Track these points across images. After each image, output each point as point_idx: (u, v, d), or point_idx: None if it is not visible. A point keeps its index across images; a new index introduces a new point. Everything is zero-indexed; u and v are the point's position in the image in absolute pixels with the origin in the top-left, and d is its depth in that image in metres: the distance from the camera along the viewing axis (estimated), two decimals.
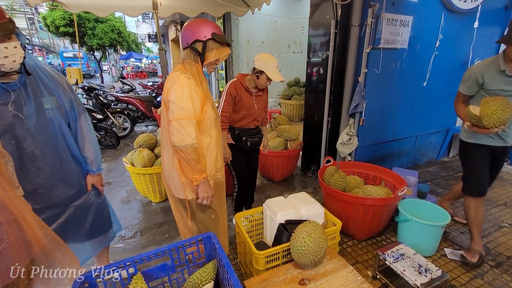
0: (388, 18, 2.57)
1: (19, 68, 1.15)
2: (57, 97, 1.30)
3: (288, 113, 6.20)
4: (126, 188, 3.18)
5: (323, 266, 1.41)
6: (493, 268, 1.88)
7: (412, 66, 2.95)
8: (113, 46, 14.56)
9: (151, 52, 30.62)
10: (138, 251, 2.13)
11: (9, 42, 1.08)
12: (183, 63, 1.35)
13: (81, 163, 1.44)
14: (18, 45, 1.11)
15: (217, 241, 1.30)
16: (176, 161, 1.36)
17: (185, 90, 1.27)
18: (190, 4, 4.04)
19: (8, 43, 1.08)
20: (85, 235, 1.49)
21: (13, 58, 1.09)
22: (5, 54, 1.07)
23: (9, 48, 1.08)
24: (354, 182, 2.28)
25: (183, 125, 1.26)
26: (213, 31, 1.33)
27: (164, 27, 13.51)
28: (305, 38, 3.95)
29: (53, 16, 11.58)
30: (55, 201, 1.33)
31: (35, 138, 1.22)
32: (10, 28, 1.08)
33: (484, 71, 1.73)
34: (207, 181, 1.37)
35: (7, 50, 1.07)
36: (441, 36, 3.00)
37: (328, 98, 2.89)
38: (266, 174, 3.30)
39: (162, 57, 4.19)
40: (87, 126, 1.44)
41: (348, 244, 2.15)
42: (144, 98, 5.93)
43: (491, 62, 1.72)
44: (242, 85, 2.00)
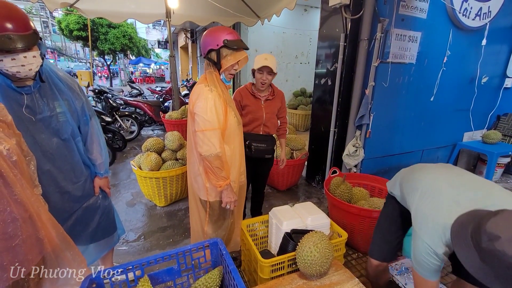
0: (397, 33, 2.61)
1: (34, 75, 1.14)
2: (70, 101, 1.31)
3: (294, 122, 6.23)
4: (132, 191, 3.21)
5: (329, 277, 1.40)
6: None
7: (419, 81, 2.97)
8: (124, 51, 14.87)
9: (160, 58, 31.17)
10: (142, 254, 2.13)
11: (29, 52, 1.08)
12: (205, 74, 1.41)
13: (89, 166, 1.46)
14: (38, 55, 1.11)
15: (224, 247, 1.31)
16: (202, 168, 1.48)
17: (209, 102, 1.35)
18: (202, 14, 4.15)
19: (28, 52, 1.07)
20: (90, 237, 1.50)
21: (29, 67, 1.09)
22: (23, 63, 1.06)
23: (28, 57, 1.07)
24: (360, 194, 2.28)
25: (208, 136, 1.35)
26: (226, 38, 1.35)
27: (174, 34, 13.83)
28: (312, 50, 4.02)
29: (67, 20, 11.91)
30: (65, 203, 1.35)
31: (46, 141, 1.24)
32: (33, 41, 1.07)
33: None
34: (230, 187, 1.47)
35: (26, 60, 1.07)
36: (449, 53, 3.03)
37: (335, 109, 2.91)
38: (270, 182, 3.30)
39: (173, 63, 4.29)
40: (97, 129, 1.47)
41: (352, 256, 2.13)
42: (152, 102, 6.02)
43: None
44: (247, 90, 1.98)
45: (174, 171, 2.70)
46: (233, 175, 1.52)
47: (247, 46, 1.42)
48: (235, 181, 1.55)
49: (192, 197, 1.63)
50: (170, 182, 2.73)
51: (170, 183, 2.73)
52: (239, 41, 1.38)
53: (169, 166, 2.74)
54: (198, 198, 1.55)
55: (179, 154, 2.93)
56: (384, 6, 2.50)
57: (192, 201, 1.64)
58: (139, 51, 16.82)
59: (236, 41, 1.37)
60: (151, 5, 3.88)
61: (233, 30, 1.44)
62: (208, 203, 1.52)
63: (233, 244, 1.84)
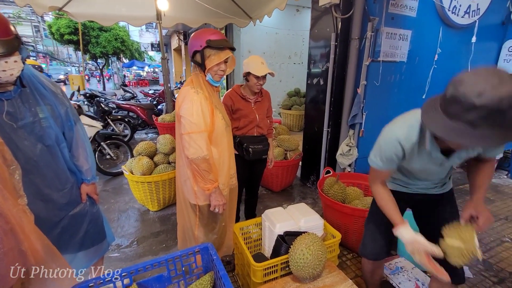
0: (387, 32, 2.62)
1: (14, 81, 1.11)
2: (53, 106, 1.28)
3: (288, 123, 6.22)
4: (124, 196, 3.16)
5: (322, 280, 1.39)
6: (495, 285, 1.84)
7: (411, 79, 2.98)
8: (116, 54, 14.76)
9: (153, 61, 31.03)
10: (134, 260, 2.10)
11: (11, 57, 1.05)
12: (191, 76, 1.40)
13: (75, 173, 1.42)
14: (19, 59, 1.08)
15: (215, 252, 1.28)
16: (189, 171, 1.46)
17: (195, 105, 1.34)
18: (193, 15, 4.13)
19: (9, 57, 1.04)
20: (79, 245, 1.46)
21: (11, 72, 1.06)
22: (4, 68, 1.03)
23: (9, 63, 1.04)
24: (354, 193, 2.27)
25: (194, 139, 1.34)
26: (209, 38, 1.34)
27: (167, 37, 13.76)
28: (306, 50, 4.02)
29: (58, 25, 11.80)
30: (50, 212, 1.31)
31: (30, 148, 1.20)
32: (14, 46, 1.04)
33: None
34: (219, 190, 1.45)
35: (7, 65, 1.04)
36: (440, 50, 3.04)
37: (328, 109, 2.90)
38: (265, 184, 3.28)
39: (164, 66, 4.25)
40: (83, 135, 1.43)
41: (347, 257, 2.12)
42: (145, 105, 5.96)
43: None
44: (237, 93, 1.95)
45: (167, 174, 2.66)
46: (222, 178, 1.50)
47: (231, 46, 1.40)
48: (225, 183, 1.53)
49: (181, 201, 1.60)
50: (162, 186, 2.69)
51: (163, 187, 2.70)
52: (223, 41, 1.36)
53: (162, 170, 2.71)
54: (188, 202, 1.53)
55: (171, 157, 2.89)
56: (374, 5, 2.51)
57: (180, 205, 1.61)
58: (132, 54, 16.73)
59: (219, 40, 1.35)
60: (142, 8, 3.85)
61: (218, 31, 1.42)
62: (197, 207, 1.49)
63: (226, 248, 1.81)
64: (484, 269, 1.99)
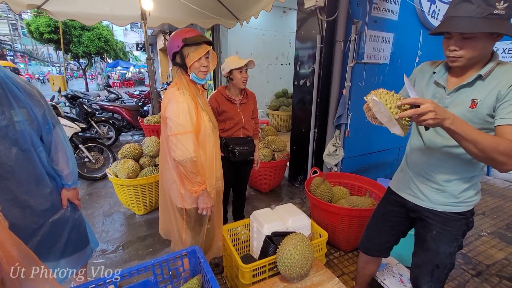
0: (371, 35, 2.69)
1: None
2: (29, 109, 1.22)
3: (275, 123, 6.26)
4: (109, 200, 3.08)
5: (310, 279, 1.40)
6: (474, 277, 1.93)
7: (394, 80, 3.07)
8: (100, 54, 14.36)
9: (139, 61, 30.44)
10: (120, 266, 2.05)
11: None
12: (175, 79, 1.38)
13: (54, 178, 1.36)
14: None
15: (202, 255, 1.28)
16: (176, 174, 1.43)
17: (181, 106, 1.32)
18: (179, 16, 4.08)
19: None
20: (60, 252, 1.40)
21: None
22: None
23: None
24: (340, 192, 2.31)
25: (181, 140, 1.31)
26: (184, 37, 1.33)
27: (152, 37, 13.51)
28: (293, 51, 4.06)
29: (37, 23, 11.33)
30: (27, 219, 1.25)
31: (4, 153, 1.14)
32: None
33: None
34: (207, 192, 1.43)
35: None
36: (420, 53, 3.15)
37: (314, 110, 2.95)
38: (253, 185, 3.29)
39: (150, 66, 4.17)
40: (63, 138, 1.37)
41: (334, 255, 2.15)
42: (130, 107, 5.83)
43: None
44: (222, 95, 1.94)
45: (153, 177, 2.62)
46: (209, 180, 1.49)
47: (208, 40, 1.38)
48: (212, 186, 1.52)
49: (167, 205, 1.57)
50: (149, 189, 2.64)
51: (149, 190, 2.65)
52: (199, 36, 1.35)
53: (148, 172, 2.66)
54: (175, 206, 1.51)
55: (157, 160, 2.84)
56: (357, 8, 2.57)
57: (170, 210, 1.57)
58: (116, 54, 16.32)
59: (195, 36, 1.34)
60: (126, 7, 3.76)
61: (192, 29, 1.40)
62: (184, 211, 1.47)
63: (216, 250, 1.80)
64: (463, 262, 2.08)
